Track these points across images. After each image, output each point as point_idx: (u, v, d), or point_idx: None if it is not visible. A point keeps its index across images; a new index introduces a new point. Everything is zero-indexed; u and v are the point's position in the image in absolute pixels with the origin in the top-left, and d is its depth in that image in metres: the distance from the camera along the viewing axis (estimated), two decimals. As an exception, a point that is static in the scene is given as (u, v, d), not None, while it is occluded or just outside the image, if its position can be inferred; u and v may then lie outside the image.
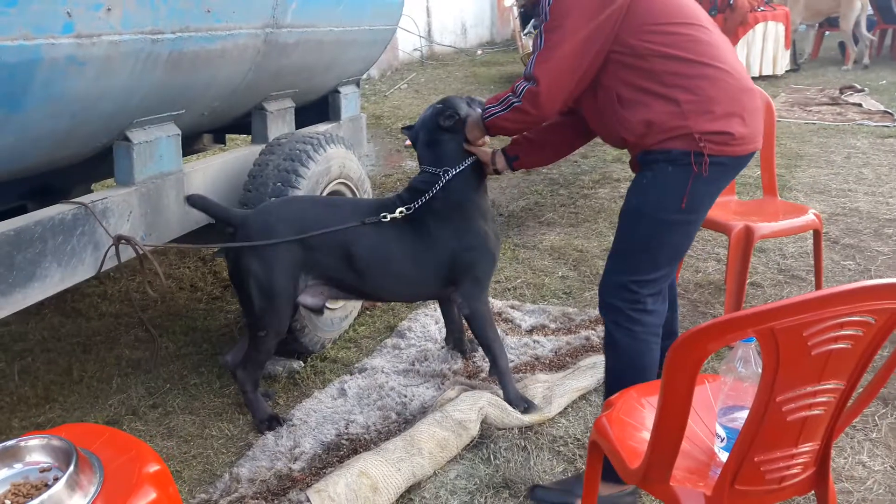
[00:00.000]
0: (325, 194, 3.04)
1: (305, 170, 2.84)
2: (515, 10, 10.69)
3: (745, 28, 9.64)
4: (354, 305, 3.38)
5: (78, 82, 1.91)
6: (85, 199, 2.24)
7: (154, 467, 1.64)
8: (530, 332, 3.29)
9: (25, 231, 1.99)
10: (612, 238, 4.25)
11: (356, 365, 3.05)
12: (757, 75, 9.75)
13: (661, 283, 2.16)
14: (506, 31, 15.80)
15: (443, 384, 2.85)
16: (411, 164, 6.56)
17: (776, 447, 1.39)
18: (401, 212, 2.48)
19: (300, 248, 2.47)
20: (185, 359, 3.19)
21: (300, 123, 3.70)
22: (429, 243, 2.52)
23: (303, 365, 3.07)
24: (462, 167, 2.52)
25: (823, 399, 1.35)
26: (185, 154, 3.74)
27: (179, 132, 2.62)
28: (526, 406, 2.57)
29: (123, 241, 2.30)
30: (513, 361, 3.01)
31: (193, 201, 2.56)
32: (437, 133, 2.54)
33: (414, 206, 2.50)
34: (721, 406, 1.59)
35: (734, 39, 9.55)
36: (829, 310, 1.19)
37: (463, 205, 2.53)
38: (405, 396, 2.76)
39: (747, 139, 2.06)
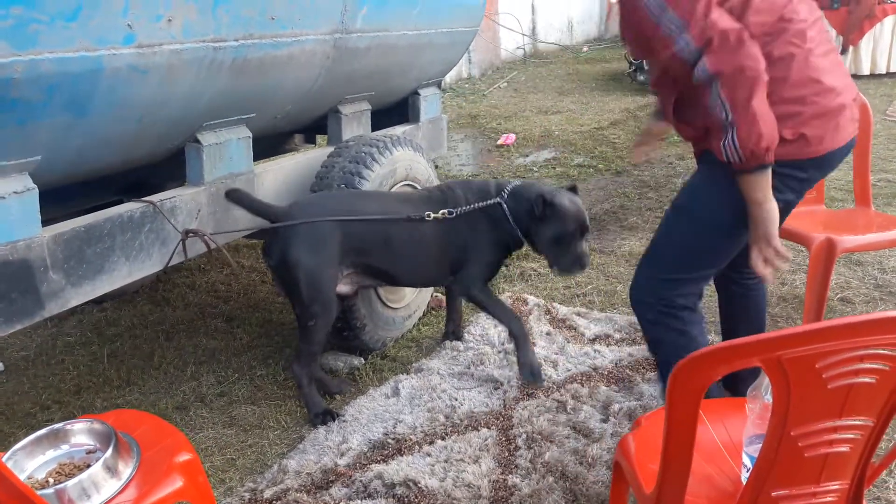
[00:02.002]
0: (389, 196, 3.10)
1: (369, 171, 2.90)
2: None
3: (872, 21, 8.93)
4: (419, 305, 3.42)
5: (142, 89, 2.04)
6: (154, 197, 2.39)
7: (185, 456, 1.73)
8: (593, 340, 3.21)
9: (95, 227, 2.14)
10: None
11: (413, 365, 3.08)
12: (884, 72, 9.02)
13: (695, 284, 2.08)
14: (614, 26, 15.40)
15: (496, 389, 2.83)
16: (500, 165, 6.54)
17: (794, 483, 1.29)
18: (443, 214, 2.67)
19: (341, 237, 2.58)
20: (256, 350, 3.34)
21: (381, 125, 3.79)
22: (454, 239, 2.73)
23: (363, 362, 3.14)
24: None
25: (848, 436, 1.24)
26: (275, 153, 3.94)
27: (250, 135, 2.74)
28: (531, 375, 2.71)
29: (191, 234, 2.44)
30: (569, 371, 2.95)
31: (231, 196, 2.66)
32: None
33: (459, 211, 2.70)
34: (747, 435, 1.50)
35: (859, 34, 8.88)
36: (843, 341, 1.10)
37: (489, 226, 2.75)
38: (455, 400, 2.76)
39: (811, 142, 1.93)
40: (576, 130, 7.56)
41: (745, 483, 1.50)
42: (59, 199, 2.62)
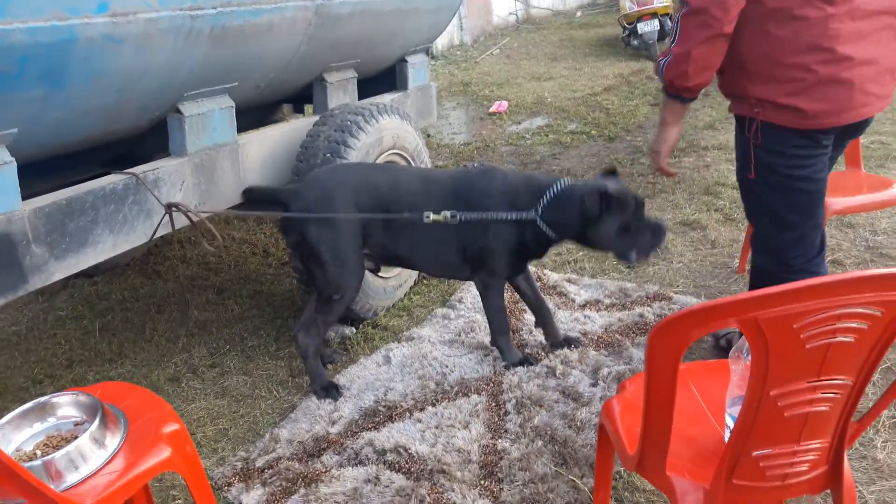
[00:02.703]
0: (376, 165, 3.07)
1: (355, 140, 2.87)
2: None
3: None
4: (410, 275, 3.41)
5: (119, 59, 2.01)
6: (136, 169, 2.37)
7: (172, 427, 1.74)
8: (583, 306, 3.21)
9: (77, 200, 2.12)
10: (688, 210, 4.10)
11: (404, 333, 3.09)
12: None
13: (789, 248, 2.18)
14: (608, -9, 15.20)
15: (486, 356, 2.84)
16: (493, 133, 6.49)
17: (775, 443, 1.30)
18: (445, 217, 2.47)
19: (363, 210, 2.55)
20: (247, 321, 3.34)
21: (370, 93, 3.74)
22: (466, 238, 2.57)
23: (354, 331, 3.15)
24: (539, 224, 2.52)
25: (828, 395, 1.25)
26: (263, 124, 3.89)
27: (233, 104, 2.70)
28: (519, 362, 2.71)
29: (175, 208, 2.42)
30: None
31: (248, 195, 2.68)
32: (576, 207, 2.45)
33: (467, 217, 2.48)
34: (730, 396, 1.50)
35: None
36: (821, 300, 1.09)
37: (516, 237, 2.56)
38: (446, 367, 2.77)
39: (816, 114, 1.97)
40: (569, 97, 7.49)
41: (727, 443, 1.51)
42: (44, 172, 2.59)
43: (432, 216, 2.44)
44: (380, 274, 3.15)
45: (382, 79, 3.94)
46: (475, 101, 7.81)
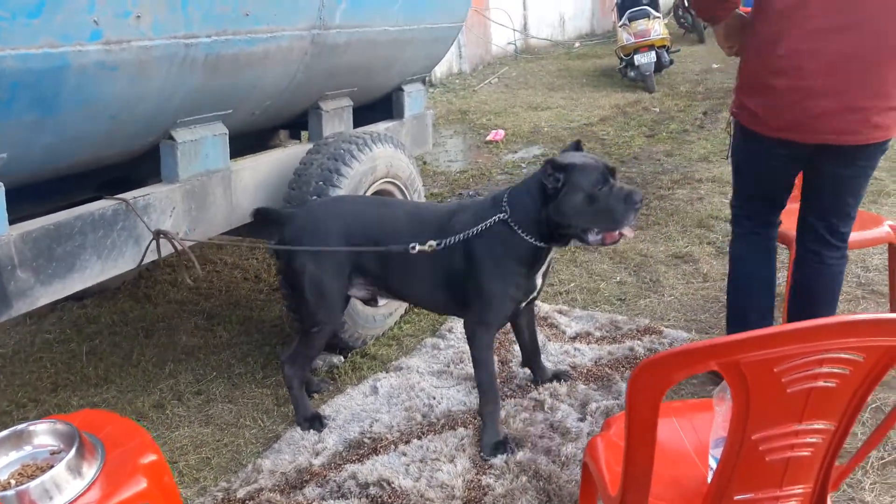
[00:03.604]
0: (370, 193, 3.07)
1: (348, 169, 2.88)
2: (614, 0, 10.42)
3: None
4: (399, 304, 3.40)
5: (112, 86, 2.02)
6: (127, 195, 2.36)
7: (150, 458, 1.71)
8: (574, 339, 3.20)
9: (65, 225, 2.12)
10: (680, 244, 4.12)
11: (393, 363, 3.07)
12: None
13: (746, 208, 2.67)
14: (607, 22, 15.41)
15: (474, 388, 2.81)
16: (489, 161, 6.52)
17: (756, 487, 1.28)
18: (430, 246, 2.33)
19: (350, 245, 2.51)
20: (236, 348, 3.32)
21: (366, 121, 3.76)
22: (453, 271, 2.43)
23: (343, 360, 3.13)
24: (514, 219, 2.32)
25: (810, 440, 1.23)
26: (260, 149, 3.89)
27: (226, 131, 2.71)
28: (493, 454, 2.41)
29: (162, 235, 2.41)
30: (549, 369, 2.93)
31: (256, 215, 2.69)
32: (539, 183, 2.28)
33: (447, 243, 2.34)
34: (713, 436, 1.49)
35: None
36: (802, 345, 1.08)
37: (497, 253, 2.34)
38: (433, 398, 2.75)
39: (767, 122, 2.39)
40: (565, 126, 7.55)
41: (708, 487, 1.50)
42: (36, 196, 2.59)
43: (418, 247, 2.33)
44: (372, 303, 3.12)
45: (379, 107, 3.96)
46: (472, 130, 7.86)
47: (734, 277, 2.77)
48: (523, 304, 2.52)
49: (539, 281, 2.46)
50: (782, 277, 3.07)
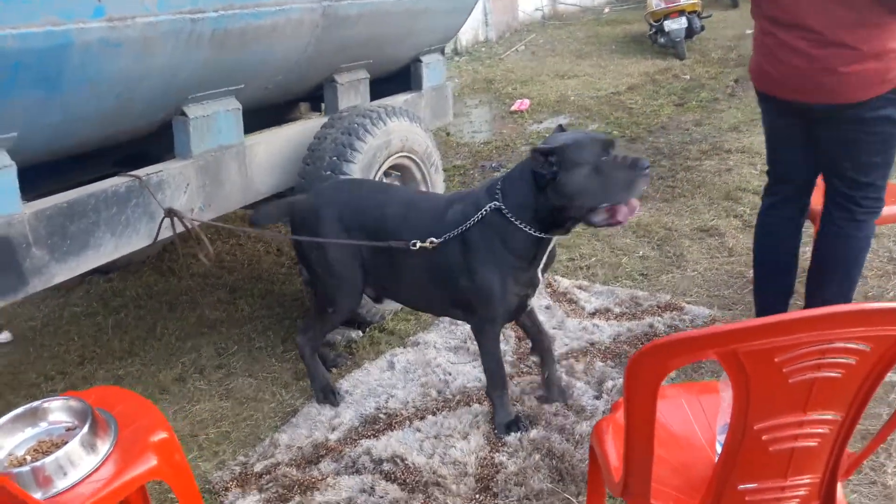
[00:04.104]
0: (385, 168, 3.04)
1: (362, 143, 2.85)
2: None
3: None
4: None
5: (117, 63, 2.01)
6: (140, 172, 2.37)
7: (161, 435, 1.74)
8: (593, 314, 3.16)
9: (78, 203, 2.14)
10: (706, 216, 4.02)
11: (410, 338, 3.07)
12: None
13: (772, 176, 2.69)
14: (638, -14, 14.97)
15: (490, 364, 2.81)
16: (513, 132, 6.43)
17: (760, 477, 1.25)
18: (431, 242, 2.23)
19: (347, 236, 2.45)
20: (257, 322, 3.35)
21: (384, 93, 3.72)
22: (449, 268, 2.29)
23: (361, 335, 3.14)
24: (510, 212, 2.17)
25: (817, 430, 1.19)
26: (281, 122, 3.87)
27: (239, 106, 2.70)
28: (507, 432, 2.38)
29: (173, 214, 2.41)
30: (567, 345, 2.91)
31: (255, 221, 2.68)
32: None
33: (447, 238, 2.23)
34: (720, 422, 1.45)
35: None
36: (803, 334, 1.04)
37: (493, 245, 2.21)
38: (449, 374, 2.75)
39: (758, 77, 2.52)
40: (592, 95, 7.39)
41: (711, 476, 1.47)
42: (54, 174, 2.62)
43: (419, 244, 2.23)
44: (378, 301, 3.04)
45: (397, 79, 3.91)
46: (498, 99, 7.75)
47: (755, 250, 2.72)
48: (528, 299, 2.36)
49: (540, 275, 2.31)
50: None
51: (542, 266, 2.30)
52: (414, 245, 2.23)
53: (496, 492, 2.16)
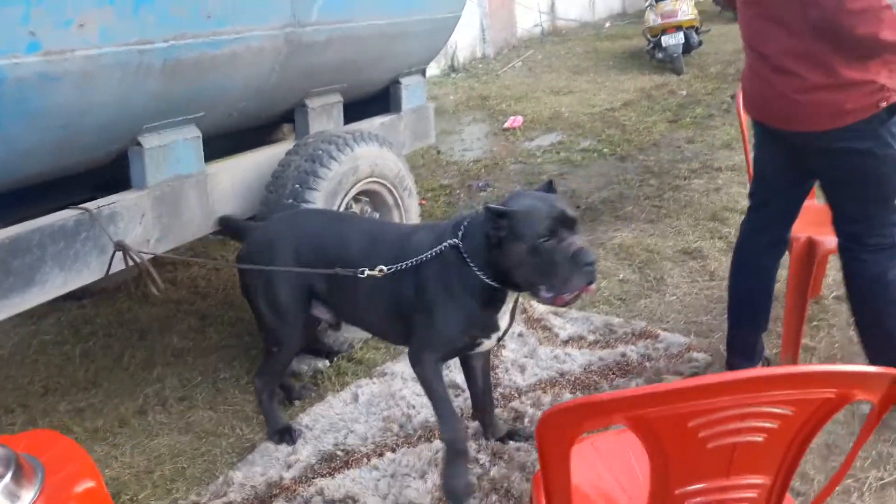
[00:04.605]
0: (353, 194, 2.99)
1: (326, 170, 2.80)
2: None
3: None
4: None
5: (57, 97, 1.97)
6: (91, 204, 2.32)
7: (87, 485, 1.67)
8: (566, 342, 3.09)
9: (21, 239, 2.09)
10: (690, 238, 3.94)
11: (378, 368, 3.00)
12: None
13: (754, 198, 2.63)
14: (639, 1, 14.96)
15: (456, 396, 2.73)
16: (505, 149, 6.38)
17: (688, 544, 1.17)
18: (380, 270, 2.11)
19: (303, 264, 2.36)
20: (224, 350, 3.29)
21: (361, 116, 3.66)
22: (403, 297, 2.19)
23: (328, 365, 3.07)
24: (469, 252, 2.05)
25: (744, 495, 1.12)
26: (262, 144, 3.78)
27: (199, 134, 2.65)
28: (452, 499, 2.13)
29: (120, 248, 2.34)
30: (536, 375, 2.83)
31: (222, 223, 2.63)
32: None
33: (398, 267, 2.11)
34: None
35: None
36: (717, 399, 0.97)
37: (447, 280, 2.10)
38: (413, 408, 2.68)
39: (743, 97, 2.56)
40: (586, 112, 7.34)
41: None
42: (26, 200, 2.57)
43: (367, 272, 2.12)
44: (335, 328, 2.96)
45: (379, 100, 3.86)
46: (492, 116, 7.71)
47: (731, 275, 2.66)
48: (482, 344, 2.19)
49: (503, 322, 2.15)
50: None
51: (506, 311, 2.14)
52: (362, 273, 2.12)
53: (453, 537, 2.08)
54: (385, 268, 2.12)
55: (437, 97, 8.48)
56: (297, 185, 2.76)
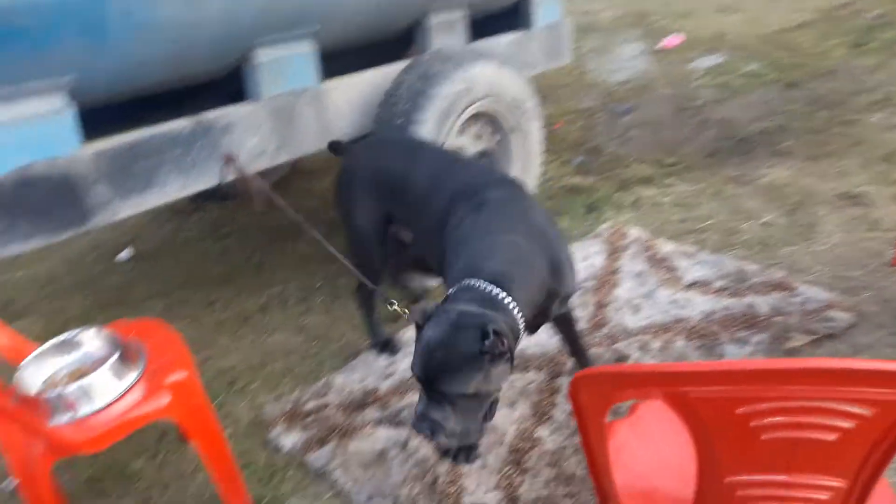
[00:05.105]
0: (466, 116, 2.88)
1: (437, 90, 2.70)
2: None
3: None
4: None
5: (164, 10, 2.01)
6: (207, 114, 2.40)
7: (180, 375, 1.79)
8: (689, 286, 2.86)
9: (141, 144, 2.21)
10: (855, 180, 3.49)
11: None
12: None
13: None
14: None
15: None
16: (657, 71, 5.91)
17: (739, 535, 1.04)
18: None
19: (380, 195, 2.33)
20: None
21: (491, 33, 3.49)
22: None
23: (436, 285, 3.08)
24: None
25: (812, 496, 0.96)
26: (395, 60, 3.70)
27: (314, 49, 2.63)
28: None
29: (230, 160, 2.43)
30: (649, 318, 2.67)
31: (331, 147, 2.64)
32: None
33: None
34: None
35: None
36: (766, 388, 0.82)
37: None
38: (510, 338, 2.62)
39: None
40: (755, 32, 6.57)
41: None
42: (161, 106, 2.72)
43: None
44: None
45: (508, 16, 3.65)
46: (648, 34, 7.12)
47: None
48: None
49: None
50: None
51: None
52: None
53: (526, 468, 2.05)
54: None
55: (588, 12, 7.96)
56: (408, 105, 2.69)
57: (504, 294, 1.65)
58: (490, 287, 1.65)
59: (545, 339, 2.60)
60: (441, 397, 1.51)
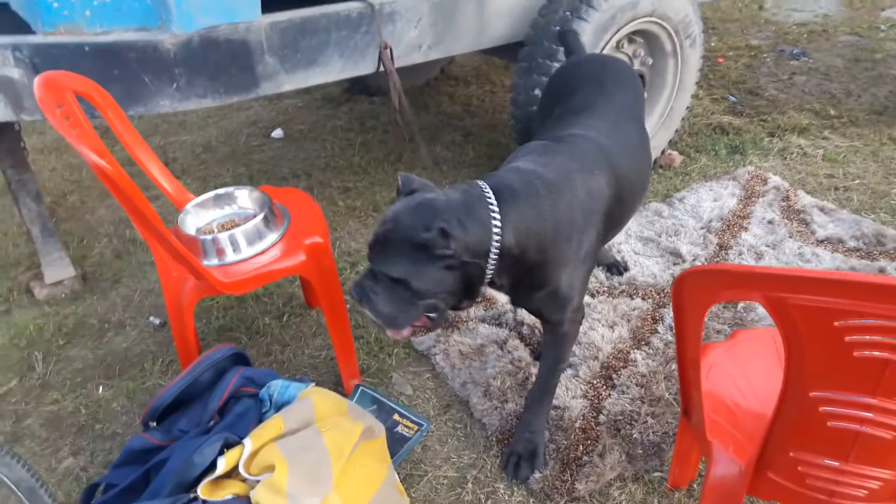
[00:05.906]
0: (625, 32, 2.83)
1: (601, 2, 2.67)
2: None
3: None
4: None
5: None
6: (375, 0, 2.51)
7: (316, 239, 1.98)
8: (820, 242, 2.75)
9: (311, 21, 2.36)
10: None
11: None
12: None
13: None
14: None
15: (673, 265, 2.64)
16: (844, 16, 5.43)
17: (814, 451, 1.09)
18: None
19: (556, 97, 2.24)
20: (475, 167, 3.50)
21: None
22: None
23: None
24: None
25: (891, 421, 0.99)
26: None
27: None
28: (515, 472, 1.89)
29: (387, 48, 2.52)
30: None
31: (561, 37, 2.58)
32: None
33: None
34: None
35: None
36: (872, 304, 0.85)
37: None
38: (625, 262, 2.65)
39: None
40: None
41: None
42: None
43: None
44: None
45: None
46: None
47: None
48: None
49: None
50: None
51: None
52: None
53: (616, 384, 2.13)
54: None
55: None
56: (568, 13, 2.68)
57: (497, 215, 1.53)
58: (489, 196, 1.54)
59: (658, 270, 2.62)
60: (376, 273, 1.55)
